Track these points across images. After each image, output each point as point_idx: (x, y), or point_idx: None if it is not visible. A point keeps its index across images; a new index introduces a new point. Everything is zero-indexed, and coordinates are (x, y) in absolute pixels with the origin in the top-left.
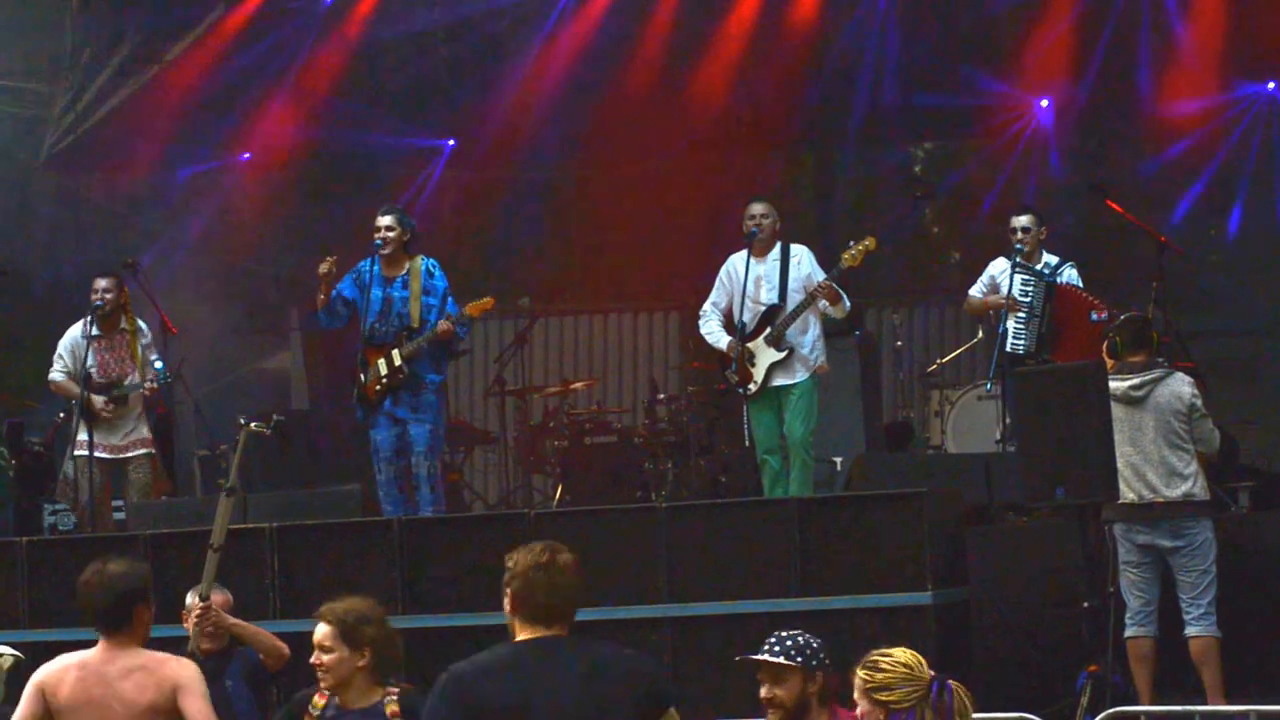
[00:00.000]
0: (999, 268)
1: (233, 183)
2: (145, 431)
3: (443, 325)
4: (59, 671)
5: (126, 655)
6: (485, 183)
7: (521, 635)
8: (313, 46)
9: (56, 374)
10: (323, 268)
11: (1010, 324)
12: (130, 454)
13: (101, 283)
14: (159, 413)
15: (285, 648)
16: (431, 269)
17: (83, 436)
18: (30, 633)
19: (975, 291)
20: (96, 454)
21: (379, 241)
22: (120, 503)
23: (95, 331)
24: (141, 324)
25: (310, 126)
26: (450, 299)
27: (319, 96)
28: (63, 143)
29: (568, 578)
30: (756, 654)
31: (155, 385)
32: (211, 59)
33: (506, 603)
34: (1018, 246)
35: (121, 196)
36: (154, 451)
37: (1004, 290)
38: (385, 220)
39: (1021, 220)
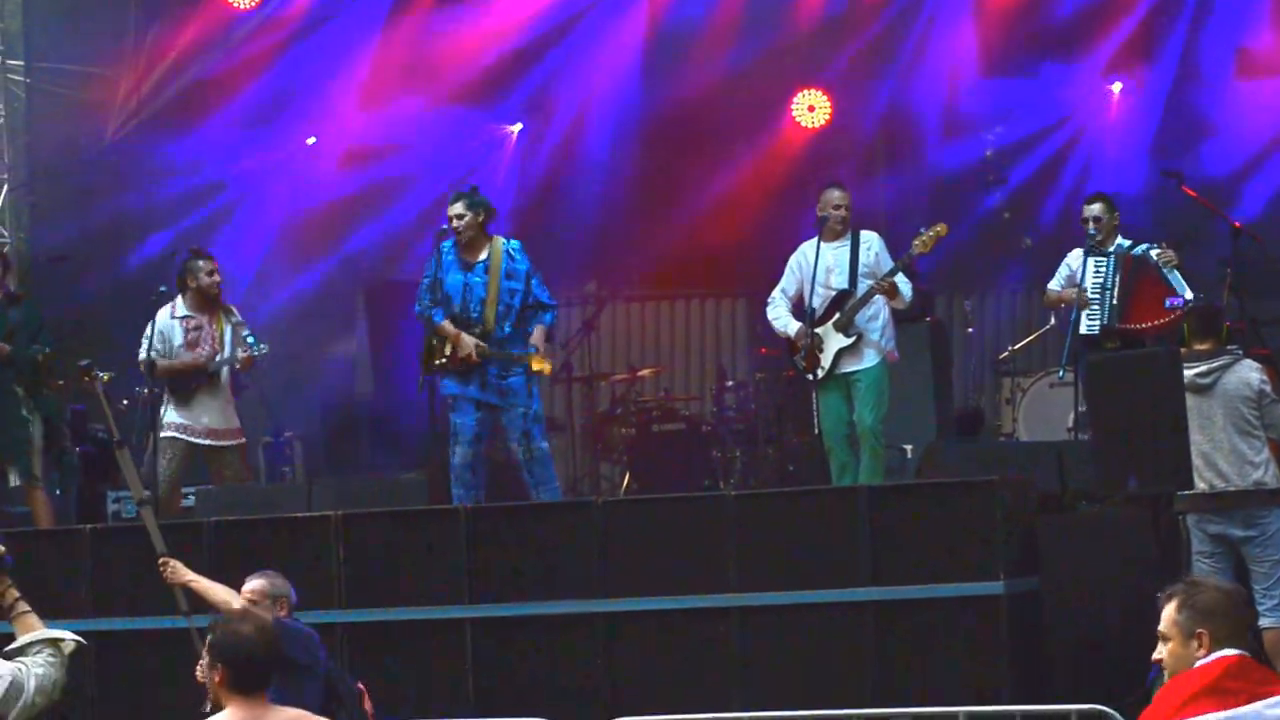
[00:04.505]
0: (1075, 259)
1: (299, 167)
2: (236, 420)
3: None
4: None
5: (268, 714)
6: (553, 168)
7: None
8: (381, 29)
9: (146, 354)
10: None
11: (1084, 315)
12: (222, 443)
13: (205, 264)
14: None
15: (235, 603)
16: (513, 251)
17: (172, 418)
18: (94, 621)
19: (1054, 285)
20: (184, 436)
21: (454, 231)
22: (192, 489)
23: (185, 311)
24: (233, 308)
25: (376, 110)
26: (536, 280)
27: (385, 80)
28: (125, 128)
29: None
30: None
31: (250, 356)
32: (278, 42)
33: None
34: (1091, 232)
35: (183, 180)
36: (244, 442)
37: (1079, 279)
38: (455, 208)
39: (1093, 209)
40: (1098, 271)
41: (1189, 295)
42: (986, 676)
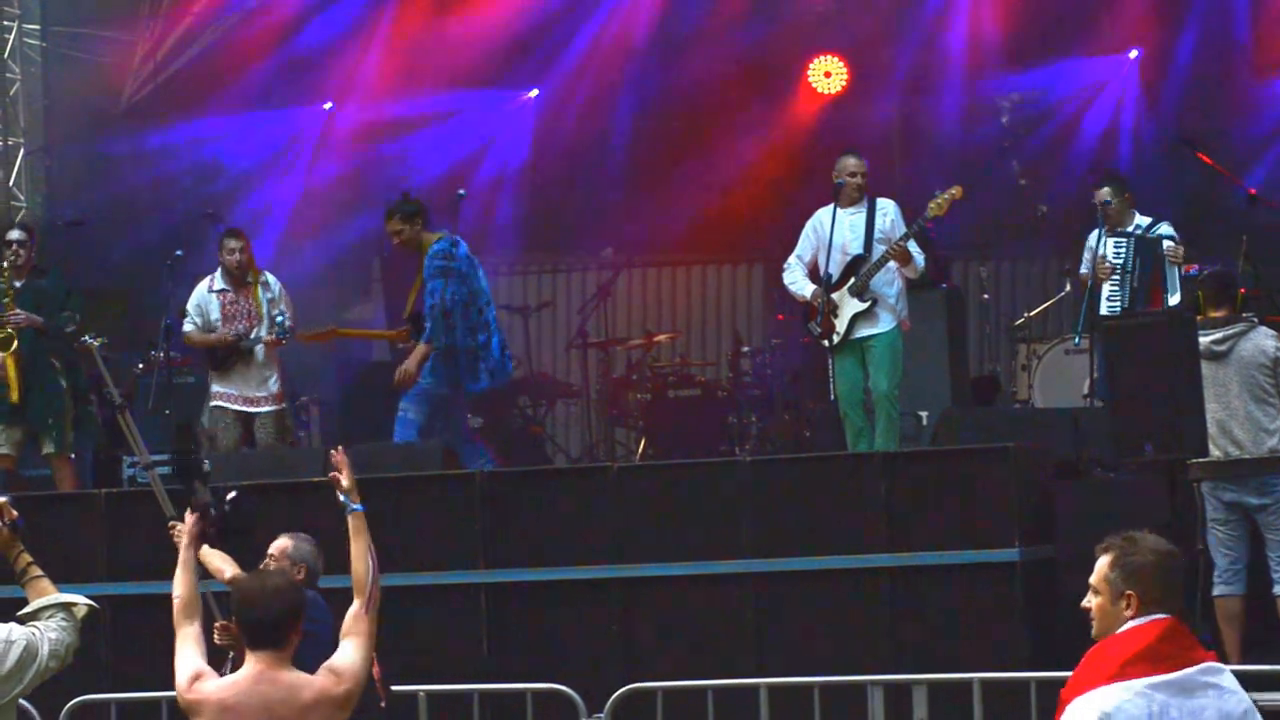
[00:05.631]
0: (1094, 239)
1: (315, 133)
2: (274, 386)
3: None
4: (217, 692)
5: (279, 679)
6: (568, 134)
7: None
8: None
9: (188, 326)
10: None
11: (1105, 288)
12: (258, 410)
13: (231, 242)
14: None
15: (227, 572)
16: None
17: (215, 388)
18: (108, 585)
19: (1083, 269)
20: (230, 405)
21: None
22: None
23: (221, 285)
24: (269, 277)
25: (394, 78)
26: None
27: (403, 46)
28: (142, 92)
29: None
30: None
31: (278, 339)
32: (296, 7)
33: None
34: (1100, 218)
35: (201, 146)
36: (284, 406)
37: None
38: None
39: (1102, 193)
40: (1118, 253)
41: (1174, 300)
42: (1002, 643)
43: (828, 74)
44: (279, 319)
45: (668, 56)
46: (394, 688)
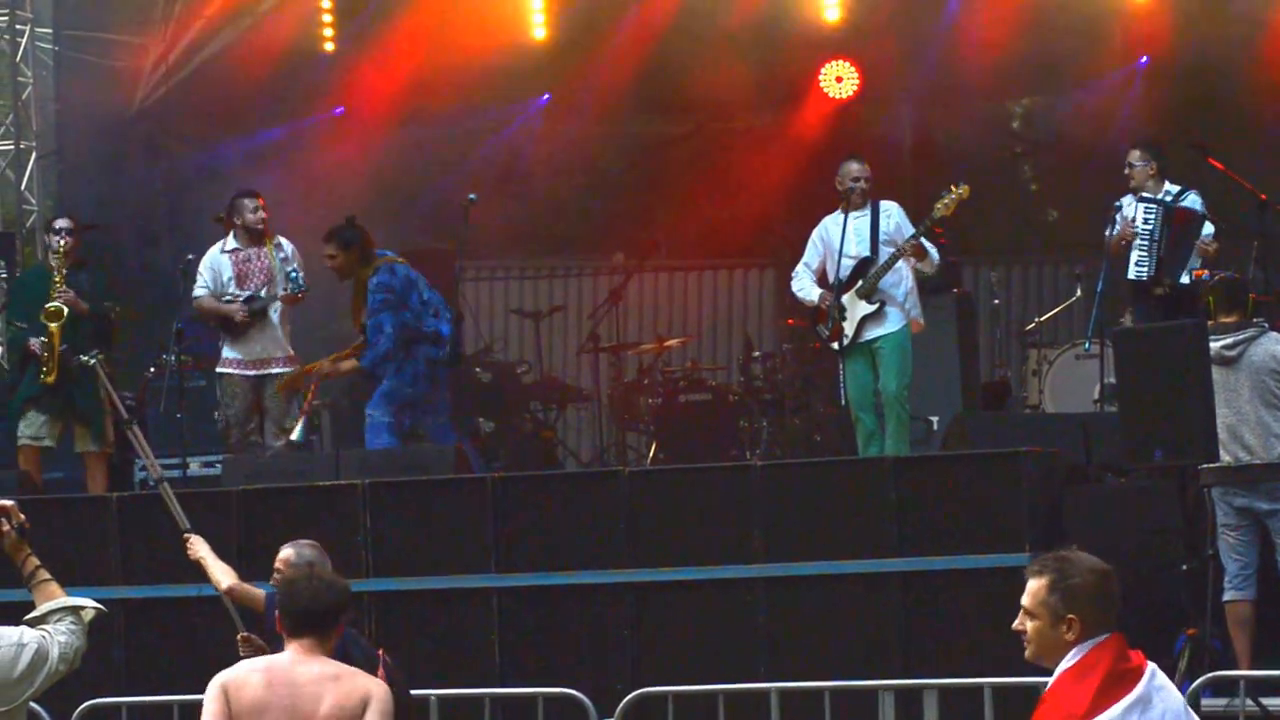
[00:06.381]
0: (1128, 203)
1: (327, 137)
2: (285, 348)
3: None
4: (245, 674)
5: (317, 662)
6: (580, 138)
7: None
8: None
9: (199, 290)
10: None
11: (1133, 254)
12: (269, 371)
13: (250, 201)
14: None
15: (224, 583)
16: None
17: (226, 354)
18: (121, 589)
19: (1109, 232)
20: (239, 372)
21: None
22: (218, 458)
23: (233, 245)
24: (281, 239)
25: (404, 80)
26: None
27: (414, 50)
28: (154, 96)
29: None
30: None
31: (295, 295)
32: (307, 10)
33: None
34: (1127, 176)
35: (212, 150)
36: (296, 369)
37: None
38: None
39: (1133, 155)
40: (1147, 220)
41: (1184, 279)
42: (1012, 648)
43: (839, 79)
44: (293, 275)
45: (678, 59)
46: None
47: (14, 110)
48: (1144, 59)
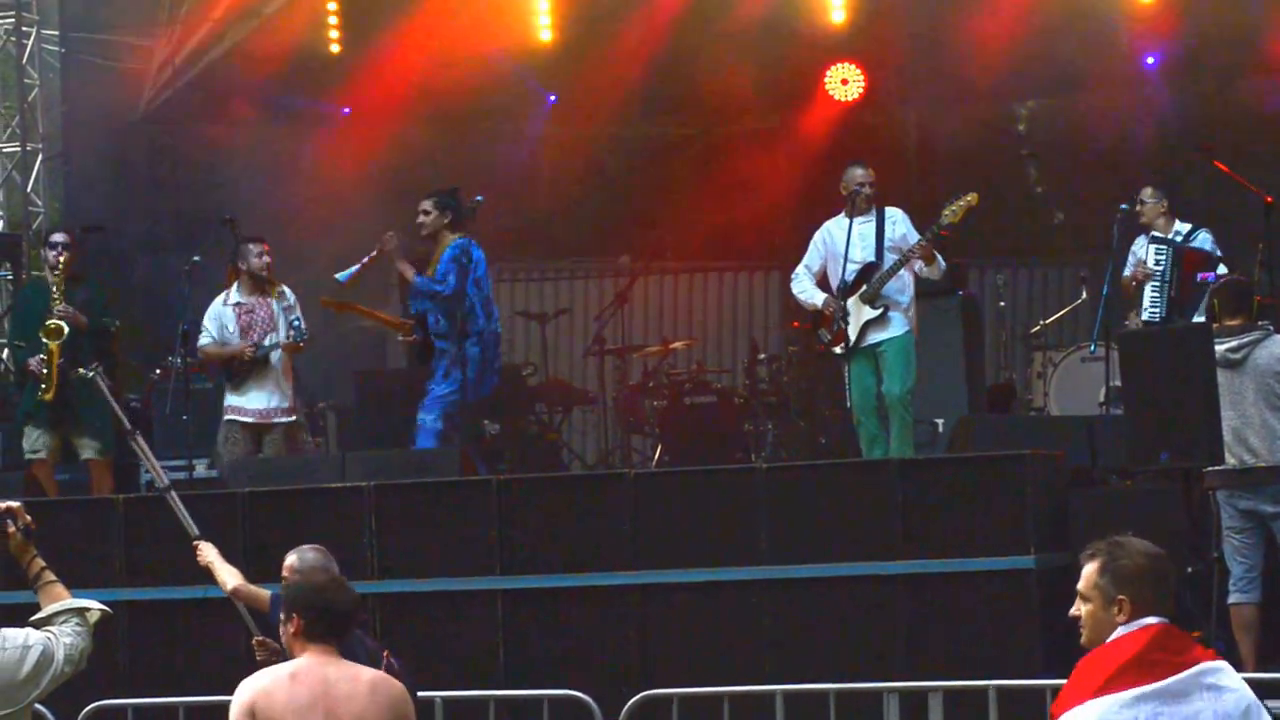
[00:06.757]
0: (1140, 245)
1: (332, 139)
2: (286, 400)
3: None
4: (269, 684)
5: (338, 664)
6: (586, 139)
7: None
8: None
9: (204, 340)
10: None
11: (1146, 296)
12: (270, 422)
13: (256, 247)
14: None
15: (230, 585)
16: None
17: (229, 401)
18: (126, 591)
19: (1126, 271)
20: (237, 418)
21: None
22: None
23: (236, 299)
24: (285, 288)
25: (411, 82)
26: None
27: (420, 52)
28: (160, 98)
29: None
30: None
31: (297, 344)
32: (312, 12)
33: None
34: (1139, 215)
35: (218, 152)
36: (297, 419)
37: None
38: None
39: (1145, 192)
40: (1159, 260)
41: (1198, 317)
42: (1017, 651)
43: (845, 81)
44: (295, 323)
45: (684, 62)
46: None
47: (20, 112)
48: (1150, 61)
